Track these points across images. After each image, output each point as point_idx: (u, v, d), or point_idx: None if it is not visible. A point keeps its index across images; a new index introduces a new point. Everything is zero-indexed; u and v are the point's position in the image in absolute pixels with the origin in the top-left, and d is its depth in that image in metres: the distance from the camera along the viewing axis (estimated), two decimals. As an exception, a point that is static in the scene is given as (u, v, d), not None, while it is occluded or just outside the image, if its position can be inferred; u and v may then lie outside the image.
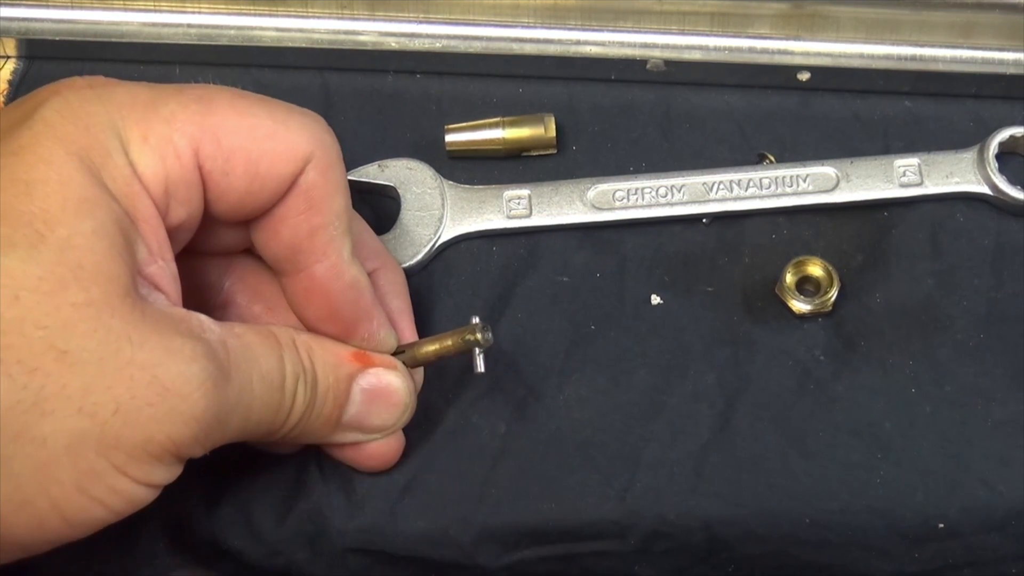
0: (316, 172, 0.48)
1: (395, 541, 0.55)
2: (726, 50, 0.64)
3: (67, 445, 0.42)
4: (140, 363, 0.42)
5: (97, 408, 0.42)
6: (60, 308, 0.42)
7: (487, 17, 0.65)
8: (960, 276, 0.60)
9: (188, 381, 0.43)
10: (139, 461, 0.43)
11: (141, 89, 0.47)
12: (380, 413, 0.53)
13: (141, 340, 0.43)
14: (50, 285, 0.42)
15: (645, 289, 0.60)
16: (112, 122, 0.45)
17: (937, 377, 0.58)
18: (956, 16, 0.63)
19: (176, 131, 0.46)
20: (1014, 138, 0.61)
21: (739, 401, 0.57)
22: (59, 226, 0.42)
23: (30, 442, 0.41)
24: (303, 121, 0.49)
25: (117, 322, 0.42)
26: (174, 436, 0.43)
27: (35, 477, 0.42)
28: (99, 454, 0.42)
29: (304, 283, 0.50)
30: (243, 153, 0.47)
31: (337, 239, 0.49)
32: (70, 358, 0.41)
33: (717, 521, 0.55)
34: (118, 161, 0.45)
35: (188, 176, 0.46)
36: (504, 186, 0.62)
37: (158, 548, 0.56)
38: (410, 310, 0.56)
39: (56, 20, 0.66)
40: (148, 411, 0.42)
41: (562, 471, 0.56)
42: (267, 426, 0.48)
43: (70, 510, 0.43)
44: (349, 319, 0.51)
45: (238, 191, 0.48)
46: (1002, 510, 0.55)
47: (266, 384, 0.47)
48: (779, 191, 0.62)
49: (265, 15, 0.66)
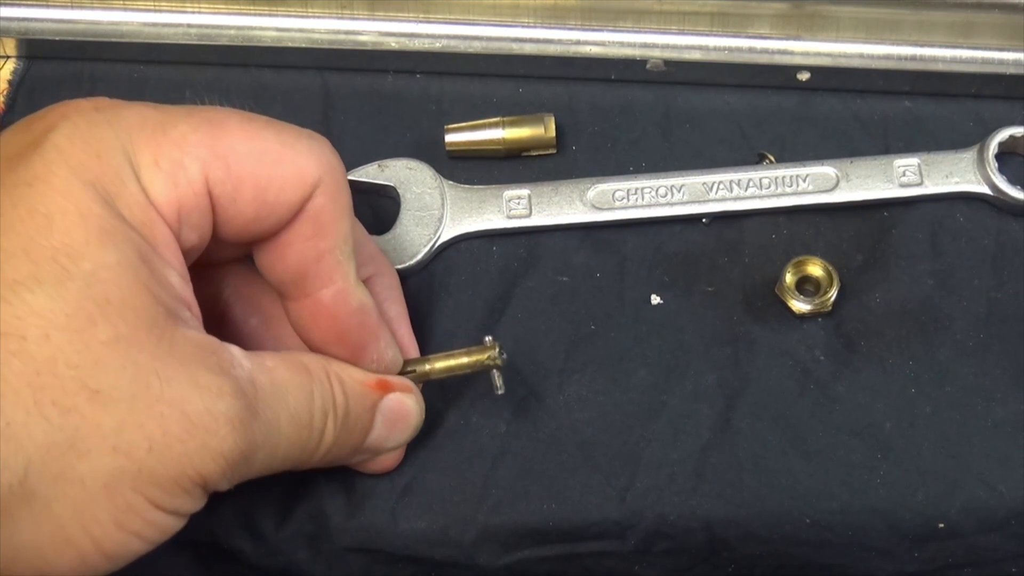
0: (324, 197, 0.48)
1: (395, 541, 0.55)
2: (726, 50, 0.64)
3: (105, 484, 0.41)
4: (169, 399, 0.42)
5: (131, 447, 0.42)
6: (90, 346, 0.41)
7: (487, 17, 0.65)
8: (960, 276, 0.60)
9: (216, 418, 0.43)
10: (171, 495, 0.43)
11: (150, 111, 0.46)
12: (396, 435, 0.53)
13: (169, 375, 0.42)
14: (79, 322, 0.41)
15: (645, 289, 0.60)
16: (123, 147, 0.44)
17: (937, 377, 0.58)
18: (956, 16, 0.63)
19: (187, 155, 0.45)
20: (1014, 138, 0.62)
21: (739, 401, 0.58)
22: (83, 260, 0.42)
23: (69, 483, 0.41)
24: (311, 145, 0.48)
25: (145, 357, 0.42)
26: (203, 471, 0.43)
27: (76, 517, 0.42)
28: (135, 491, 0.42)
29: (310, 308, 0.49)
30: (252, 179, 0.46)
31: (344, 263, 0.49)
32: (102, 397, 0.41)
33: (717, 521, 0.55)
34: (132, 188, 0.44)
35: (200, 201, 0.46)
36: (504, 186, 0.62)
37: (158, 548, 0.55)
38: (407, 315, 0.56)
39: (56, 20, 0.66)
40: (179, 448, 0.42)
41: (562, 471, 0.56)
42: (294, 462, 0.48)
43: (110, 546, 0.43)
44: (356, 342, 0.51)
45: (245, 216, 0.47)
46: (1002, 510, 0.55)
47: (295, 424, 0.47)
48: (779, 191, 0.62)
49: (265, 15, 0.66)
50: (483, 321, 0.59)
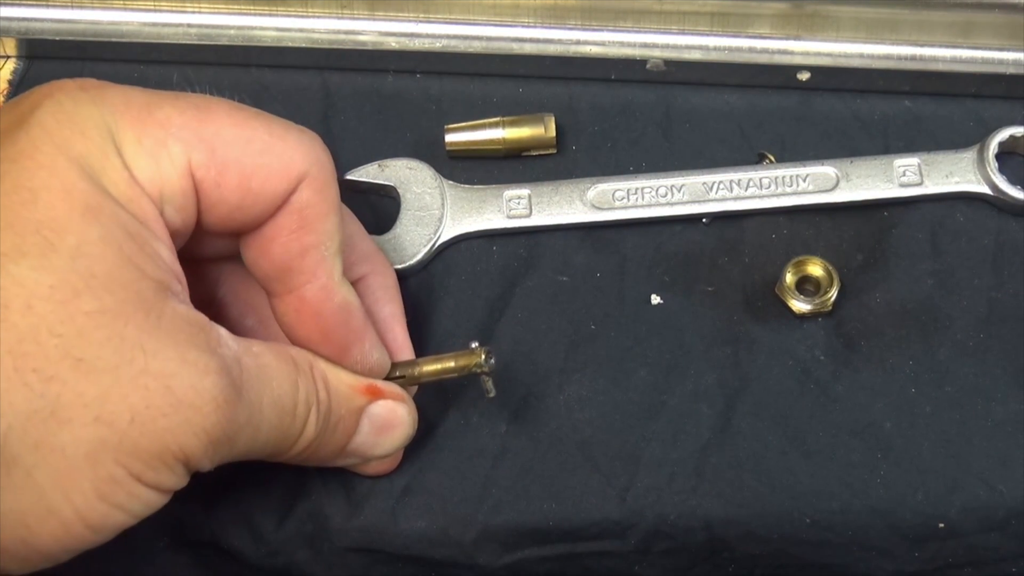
0: (310, 191, 0.48)
1: (395, 541, 0.55)
2: (726, 50, 0.64)
3: (86, 453, 0.41)
4: (154, 373, 0.42)
5: (114, 417, 0.42)
6: (74, 316, 0.41)
7: (487, 17, 0.65)
8: (960, 276, 0.60)
9: (200, 395, 0.43)
10: (154, 469, 0.43)
11: (135, 93, 0.47)
12: (384, 443, 0.53)
13: (155, 349, 0.42)
14: (63, 294, 0.41)
15: (645, 289, 0.60)
16: (107, 124, 0.45)
17: (937, 377, 0.58)
18: (956, 16, 0.63)
19: (170, 136, 0.45)
20: (1014, 138, 0.62)
21: (739, 401, 0.58)
22: (68, 234, 0.42)
23: (50, 451, 0.41)
24: (300, 138, 0.48)
25: (131, 330, 0.42)
26: (186, 448, 0.43)
27: (58, 486, 0.42)
28: (117, 462, 0.42)
29: (294, 304, 0.49)
30: (236, 166, 0.46)
31: (328, 259, 0.49)
32: (85, 366, 0.41)
33: (717, 521, 0.55)
34: (115, 164, 0.44)
35: (182, 184, 0.46)
36: (504, 186, 0.62)
37: (158, 548, 0.56)
38: (403, 314, 0.56)
39: (56, 20, 0.66)
40: (162, 421, 0.42)
41: (562, 471, 0.56)
42: (273, 448, 0.48)
43: (93, 517, 0.42)
44: (340, 341, 0.50)
45: (229, 204, 0.47)
46: (1002, 510, 0.55)
47: (277, 409, 0.47)
48: (779, 191, 0.62)
49: (265, 15, 0.66)
50: (483, 321, 0.59)
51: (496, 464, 0.57)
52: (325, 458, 0.52)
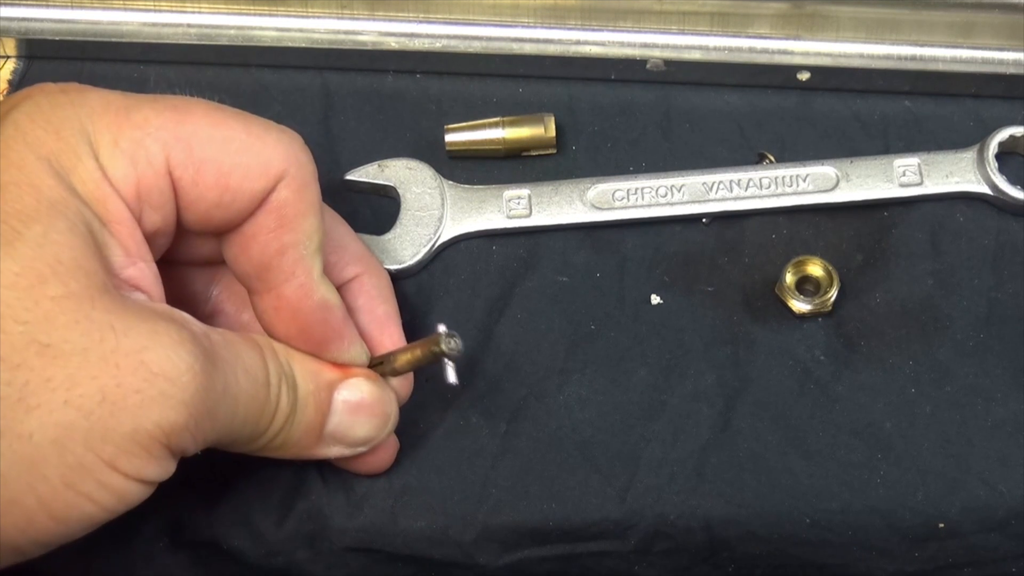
0: (289, 190, 0.48)
1: (395, 541, 0.55)
2: (726, 50, 0.64)
3: (53, 440, 0.41)
4: (126, 350, 0.42)
5: (83, 400, 0.41)
6: (39, 302, 0.41)
7: (487, 17, 0.65)
8: (960, 276, 0.60)
9: (176, 365, 0.43)
10: (128, 454, 0.42)
11: (115, 96, 0.47)
12: (363, 425, 0.52)
13: (125, 328, 0.43)
14: (28, 280, 0.42)
15: (645, 289, 0.60)
16: (83, 126, 0.45)
17: (937, 377, 0.58)
18: (956, 16, 0.63)
19: (148, 136, 0.46)
20: (1014, 138, 0.62)
21: (739, 401, 0.58)
22: (34, 223, 0.42)
23: (16, 439, 0.41)
24: (279, 137, 0.48)
25: (99, 313, 0.42)
26: (163, 423, 0.43)
27: (22, 475, 0.41)
28: (87, 448, 0.42)
29: (273, 302, 0.49)
30: (214, 165, 0.47)
31: (307, 258, 0.49)
32: (53, 351, 0.41)
33: (717, 521, 0.55)
34: (88, 165, 0.45)
35: (160, 182, 0.46)
36: (504, 186, 0.62)
37: (158, 548, 0.56)
38: (397, 314, 0.56)
39: (56, 20, 0.66)
40: (135, 398, 0.42)
41: (562, 471, 0.56)
42: (253, 424, 0.48)
43: (58, 507, 0.42)
44: (319, 338, 0.51)
45: (207, 202, 0.47)
46: (1002, 510, 0.55)
47: (250, 378, 0.47)
48: (779, 191, 0.62)
49: (265, 15, 0.66)
50: (483, 321, 0.59)
51: (496, 464, 0.57)
52: (305, 443, 0.51)
